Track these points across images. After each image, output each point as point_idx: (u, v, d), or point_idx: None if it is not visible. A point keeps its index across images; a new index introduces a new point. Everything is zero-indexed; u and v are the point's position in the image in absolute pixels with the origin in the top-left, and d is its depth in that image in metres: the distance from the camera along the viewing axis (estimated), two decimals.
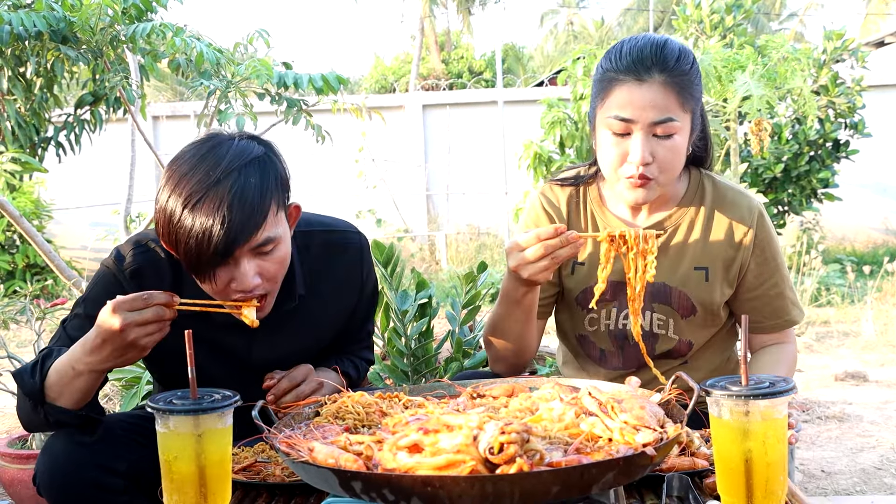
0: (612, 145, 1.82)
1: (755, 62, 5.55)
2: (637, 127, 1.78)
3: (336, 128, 4.94)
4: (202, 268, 1.61)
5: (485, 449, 1.12)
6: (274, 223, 1.65)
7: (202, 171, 1.59)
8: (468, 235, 11.61)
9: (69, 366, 1.58)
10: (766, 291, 1.98)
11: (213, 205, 1.56)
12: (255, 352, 1.89)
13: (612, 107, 1.80)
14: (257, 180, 1.62)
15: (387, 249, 3.23)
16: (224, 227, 1.56)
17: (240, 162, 1.62)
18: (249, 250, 1.62)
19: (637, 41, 1.84)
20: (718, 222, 1.96)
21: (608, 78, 1.82)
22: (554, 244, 1.67)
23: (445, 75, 23.30)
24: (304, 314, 1.91)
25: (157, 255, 1.80)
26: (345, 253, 1.97)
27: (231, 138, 1.68)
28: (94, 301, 1.72)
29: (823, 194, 8.82)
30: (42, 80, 3.99)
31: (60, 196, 10.40)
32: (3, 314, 3.56)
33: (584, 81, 7.03)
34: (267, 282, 1.68)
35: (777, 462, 1.20)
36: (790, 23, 28.18)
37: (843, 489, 3.40)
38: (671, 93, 1.77)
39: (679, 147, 1.81)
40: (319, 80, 3.99)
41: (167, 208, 1.59)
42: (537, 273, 1.71)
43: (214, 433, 1.25)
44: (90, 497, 1.65)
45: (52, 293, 8.18)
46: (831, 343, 6.41)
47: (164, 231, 1.61)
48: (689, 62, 1.81)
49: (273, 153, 1.71)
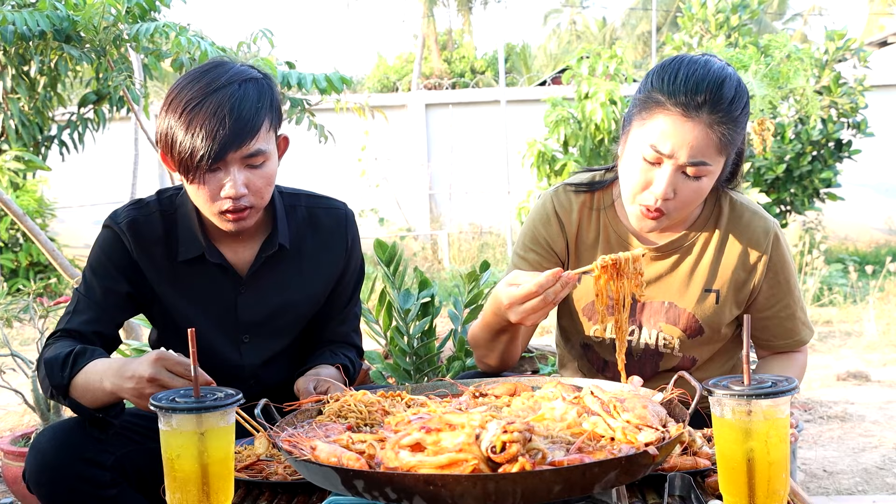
0: (640, 171, 1.76)
1: (758, 62, 5.54)
2: (669, 162, 1.72)
3: (339, 127, 4.94)
4: (197, 171, 1.70)
5: (487, 448, 1.13)
6: (265, 139, 1.75)
7: (204, 81, 1.72)
8: (471, 234, 11.61)
9: (99, 378, 1.64)
10: (776, 313, 1.95)
11: (212, 109, 1.68)
12: (241, 301, 1.94)
13: (652, 134, 1.73)
14: (254, 94, 1.74)
15: (389, 248, 3.23)
16: (221, 130, 1.67)
17: (239, 78, 1.74)
18: (240, 159, 1.72)
19: (696, 70, 1.73)
20: (732, 245, 1.92)
21: (655, 100, 1.73)
22: (555, 290, 1.63)
23: (448, 74, 23.29)
24: (289, 269, 1.97)
25: (150, 209, 1.91)
26: (329, 217, 2.04)
27: (232, 63, 1.80)
28: (99, 259, 1.88)
29: (826, 194, 8.81)
30: (46, 78, 4.00)
31: (64, 194, 10.41)
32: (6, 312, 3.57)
33: (588, 80, 7.04)
34: (253, 195, 1.76)
35: (779, 461, 1.20)
36: (794, 23, 28.14)
37: (845, 489, 3.40)
38: (713, 136, 1.70)
39: (704, 189, 1.77)
40: (323, 80, 3.99)
41: (166, 115, 1.71)
42: (532, 318, 1.68)
43: (217, 431, 1.25)
44: (78, 490, 1.68)
45: (56, 291, 8.18)
46: (833, 343, 6.40)
47: (163, 136, 1.72)
48: (741, 105, 1.73)
49: (270, 81, 1.82)
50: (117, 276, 1.87)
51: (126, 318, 1.95)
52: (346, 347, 2.09)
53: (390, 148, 11.76)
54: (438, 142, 12.16)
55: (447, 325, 3.45)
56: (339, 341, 2.09)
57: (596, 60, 7.15)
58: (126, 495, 1.75)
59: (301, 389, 1.81)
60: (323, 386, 1.80)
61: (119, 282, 1.87)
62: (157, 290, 1.90)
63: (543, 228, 2.00)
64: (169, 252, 1.88)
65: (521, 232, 2.07)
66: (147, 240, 1.87)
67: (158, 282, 1.89)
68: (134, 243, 1.86)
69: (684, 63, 1.76)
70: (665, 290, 1.94)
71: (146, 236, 1.87)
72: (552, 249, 2.00)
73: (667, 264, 1.94)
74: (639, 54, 24.87)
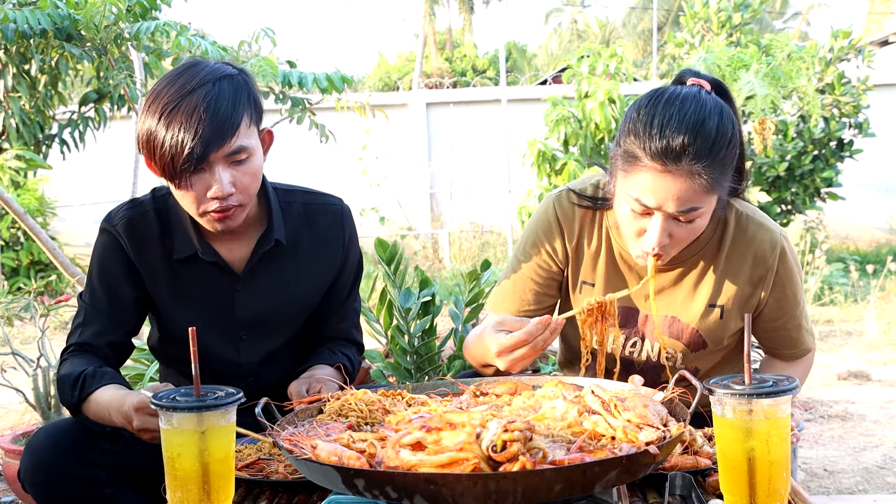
0: (631, 220, 1.74)
1: (759, 61, 5.54)
2: (658, 213, 1.68)
3: (340, 125, 4.94)
4: (180, 174, 1.69)
5: (488, 447, 1.13)
6: (247, 135, 1.74)
7: (178, 84, 1.70)
8: (471, 233, 11.61)
9: (106, 412, 1.68)
10: (783, 325, 1.93)
11: (188, 111, 1.66)
12: (238, 299, 1.93)
13: (634, 187, 1.68)
14: (230, 91, 1.72)
15: (390, 247, 3.23)
16: (199, 131, 1.65)
17: (213, 76, 1.72)
18: (223, 157, 1.70)
19: (671, 118, 1.64)
20: (738, 259, 1.87)
21: (633, 154, 1.67)
22: (544, 338, 1.63)
23: (449, 73, 23.28)
24: (286, 265, 1.95)
25: (145, 209, 1.90)
26: (325, 213, 2.02)
27: (206, 62, 1.78)
28: (99, 263, 1.88)
29: (827, 193, 8.80)
30: (46, 77, 4.00)
31: (64, 193, 10.42)
32: (7, 311, 3.57)
33: (589, 79, 7.04)
34: (240, 193, 1.75)
35: (780, 461, 1.20)
36: (794, 21, 28.13)
37: (846, 488, 3.40)
38: (698, 183, 1.63)
39: (699, 227, 1.73)
40: (324, 79, 3.99)
41: (146, 119, 1.69)
42: (521, 366, 1.68)
43: (218, 430, 1.25)
44: (73, 490, 1.68)
45: (56, 290, 8.18)
46: (834, 342, 6.40)
47: (144, 142, 1.70)
48: (724, 144, 1.65)
49: (246, 76, 1.80)
50: (121, 281, 1.87)
51: (136, 323, 1.94)
52: (346, 344, 2.08)
53: (391, 147, 11.76)
54: (439, 141, 12.15)
55: (448, 325, 3.44)
56: (339, 338, 2.08)
57: (596, 59, 7.14)
58: (123, 495, 1.75)
59: (293, 393, 1.81)
60: (316, 387, 1.80)
61: (123, 286, 1.87)
62: (153, 289, 1.89)
63: (544, 234, 1.97)
64: (164, 251, 1.88)
65: (522, 234, 2.05)
66: (143, 239, 1.87)
67: (154, 281, 1.88)
68: (130, 244, 1.86)
69: (660, 105, 1.67)
70: (668, 303, 1.91)
71: (142, 235, 1.87)
72: (552, 256, 1.98)
73: (670, 278, 1.90)
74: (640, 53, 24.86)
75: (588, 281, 1.96)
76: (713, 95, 1.73)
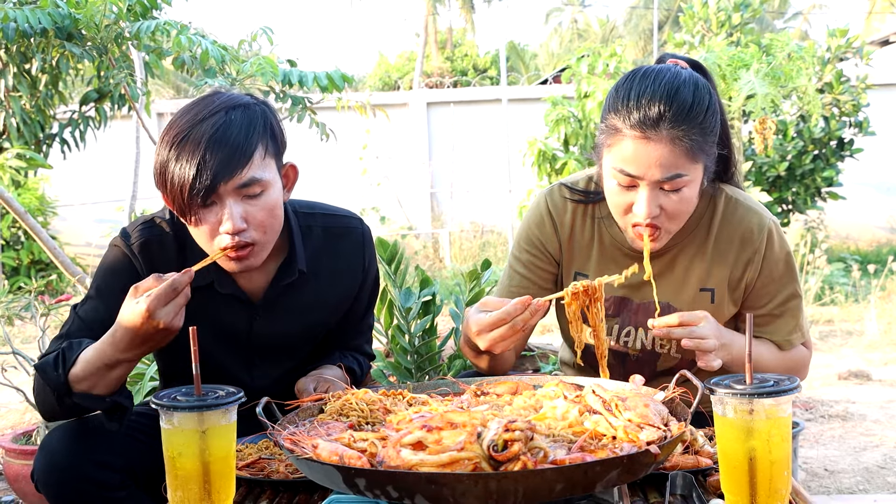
0: (618, 194, 1.76)
1: (759, 60, 5.54)
2: (643, 183, 1.70)
3: (340, 125, 4.94)
4: (190, 206, 1.62)
5: (488, 446, 1.13)
6: (261, 166, 1.65)
7: (191, 114, 1.64)
8: (472, 233, 11.61)
9: (100, 361, 1.58)
10: (770, 311, 1.92)
11: (197, 140, 1.59)
12: (255, 327, 1.88)
13: (618, 159, 1.72)
14: (242, 120, 1.64)
15: (391, 247, 3.23)
16: (206, 162, 1.58)
17: (227, 106, 1.65)
18: (234, 190, 1.63)
19: (646, 88, 1.69)
20: (727, 242, 1.89)
21: (614, 126, 1.72)
22: (524, 318, 1.62)
23: (450, 73, 23.28)
24: (305, 293, 1.90)
25: (163, 229, 1.81)
26: (346, 238, 1.97)
27: (226, 92, 1.72)
28: (106, 281, 1.76)
29: (827, 193, 8.81)
30: (47, 76, 4.00)
31: (65, 193, 10.42)
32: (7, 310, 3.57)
33: (588, 79, 7.04)
34: (255, 230, 1.67)
35: (781, 460, 1.20)
36: (795, 21, 28.12)
37: (847, 488, 3.40)
38: (680, 148, 1.67)
39: (688, 198, 1.75)
40: (324, 78, 3.99)
41: (159, 151, 1.63)
42: (502, 346, 1.67)
43: (218, 429, 1.25)
44: (87, 493, 1.65)
45: (57, 289, 8.18)
46: (835, 342, 6.40)
47: (157, 174, 1.64)
48: (702, 110, 1.69)
49: (266, 107, 1.73)
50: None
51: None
52: (357, 354, 2.09)
53: (392, 146, 11.75)
54: (440, 140, 12.15)
55: (448, 324, 3.44)
56: (352, 350, 2.08)
57: (595, 59, 7.15)
58: (135, 498, 1.72)
59: (301, 389, 1.80)
60: (323, 386, 1.79)
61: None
62: None
63: (537, 229, 2.00)
64: None
65: (516, 232, 2.07)
66: (159, 263, 1.76)
67: None
68: (145, 266, 1.77)
69: (636, 80, 1.73)
70: (661, 289, 1.91)
71: (159, 259, 1.77)
72: (546, 250, 2.00)
73: (662, 263, 1.92)
74: (640, 52, 24.85)
75: (582, 272, 1.98)
76: (690, 70, 1.78)
